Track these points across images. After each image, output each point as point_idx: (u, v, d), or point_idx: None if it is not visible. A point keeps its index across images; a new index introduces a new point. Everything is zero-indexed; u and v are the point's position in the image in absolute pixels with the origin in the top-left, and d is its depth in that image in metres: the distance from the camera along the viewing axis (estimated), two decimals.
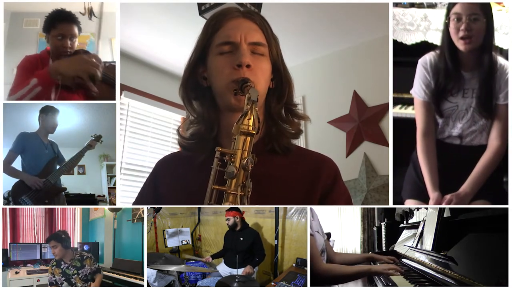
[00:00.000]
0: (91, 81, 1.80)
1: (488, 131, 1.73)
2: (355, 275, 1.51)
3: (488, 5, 1.67)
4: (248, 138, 1.00)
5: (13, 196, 2.08)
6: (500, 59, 1.70)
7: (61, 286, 1.99)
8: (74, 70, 1.79)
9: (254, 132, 1.00)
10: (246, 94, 1.03)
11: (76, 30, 1.96)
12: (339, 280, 1.50)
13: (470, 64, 1.71)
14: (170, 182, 1.22)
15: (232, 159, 0.99)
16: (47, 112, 2.21)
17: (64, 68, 1.79)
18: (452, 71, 1.71)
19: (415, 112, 1.81)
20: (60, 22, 1.93)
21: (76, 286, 1.99)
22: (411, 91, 1.81)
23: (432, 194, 1.73)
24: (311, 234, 1.49)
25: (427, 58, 1.77)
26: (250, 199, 1.00)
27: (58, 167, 2.24)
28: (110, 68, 1.93)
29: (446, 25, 1.69)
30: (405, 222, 2.48)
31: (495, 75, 1.68)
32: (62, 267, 2.02)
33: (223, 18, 1.16)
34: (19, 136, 2.20)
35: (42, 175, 2.16)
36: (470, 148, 1.76)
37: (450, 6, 1.68)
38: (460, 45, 1.67)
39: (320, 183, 1.15)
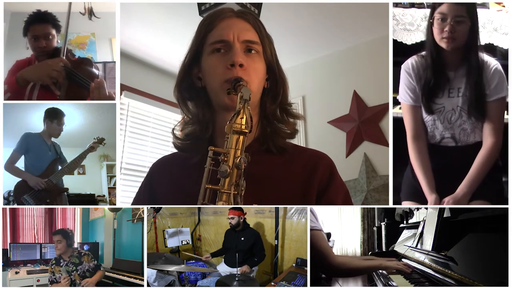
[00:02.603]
0: (54, 85, 1.86)
1: (481, 129, 1.73)
2: (368, 269, 1.52)
3: (473, 7, 1.67)
4: (241, 137, 1.00)
5: (15, 196, 2.09)
6: (485, 56, 1.70)
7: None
8: (38, 76, 1.87)
9: (246, 131, 1.00)
10: (238, 93, 1.03)
11: (50, 29, 1.96)
12: (353, 273, 1.51)
13: (454, 62, 1.71)
14: (166, 185, 1.22)
15: (225, 158, 0.99)
16: (52, 119, 2.22)
17: (28, 74, 1.87)
18: (437, 70, 1.70)
19: (404, 117, 1.81)
20: (32, 24, 1.95)
21: (75, 283, 1.99)
22: (397, 97, 1.82)
23: (430, 197, 1.73)
24: (319, 230, 1.48)
25: (409, 62, 1.77)
26: (246, 198, 1.00)
27: (59, 168, 2.25)
28: (79, 62, 1.98)
29: (430, 24, 1.69)
30: (405, 222, 2.48)
31: (481, 73, 1.67)
32: (61, 264, 2.03)
33: (216, 18, 1.16)
34: (23, 136, 2.22)
35: (44, 176, 2.17)
36: (467, 147, 1.75)
37: (436, 5, 1.68)
38: (442, 43, 1.67)
39: (316, 179, 1.15)
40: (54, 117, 2.22)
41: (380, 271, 1.65)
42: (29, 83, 1.87)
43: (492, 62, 1.68)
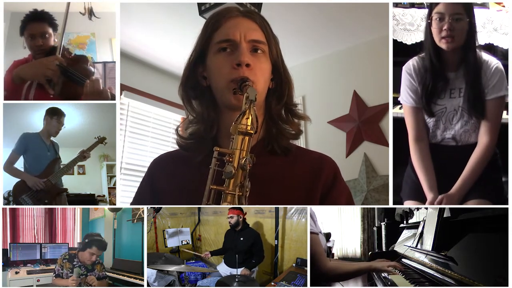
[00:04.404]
0: (48, 84, 1.86)
1: None
2: (357, 272, 1.53)
3: (470, 5, 1.66)
4: (246, 138, 1.00)
5: (14, 196, 2.09)
6: (484, 55, 1.70)
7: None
8: (32, 74, 1.86)
9: (252, 131, 0.99)
10: (244, 93, 1.03)
11: (47, 27, 1.97)
12: (342, 277, 1.52)
13: (454, 63, 1.71)
14: (167, 182, 1.21)
15: (230, 159, 0.99)
16: (52, 116, 2.22)
17: (23, 72, 1.86)
18: (437, 71, 1.70)
19: (405, 118, 1.80)
20: (29, 23, 1.95)
21: (80, 284, 1.98)
22: (399, 99, 1.81)
23: (429, 195, 1.73)
24: (317, 233, 1.49)
25: (411, 63, 1.77)
26: (250, 199, 1.00)
27: (59, 168, 2.25)
28: (76, 60, 1.96)
29: (429, 25, 1.69)
30: (405, 222, 2.48)
31: (480, 72, 1.67)
32: (74, 263, 2.02)
33: (223, 17, 1.15)
34: (21, 136, 2.21)
35: (43, 176, 2.16)
36: (467, 147, 1.75)
37: (433, 5, 1.68)
38: (442, 44, 1.67)
39: (320, 182, 1.15)
40: (54, 114, 2.22)
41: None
42: (24, 81, 1.87)
43: (493, 61, 1.68)
